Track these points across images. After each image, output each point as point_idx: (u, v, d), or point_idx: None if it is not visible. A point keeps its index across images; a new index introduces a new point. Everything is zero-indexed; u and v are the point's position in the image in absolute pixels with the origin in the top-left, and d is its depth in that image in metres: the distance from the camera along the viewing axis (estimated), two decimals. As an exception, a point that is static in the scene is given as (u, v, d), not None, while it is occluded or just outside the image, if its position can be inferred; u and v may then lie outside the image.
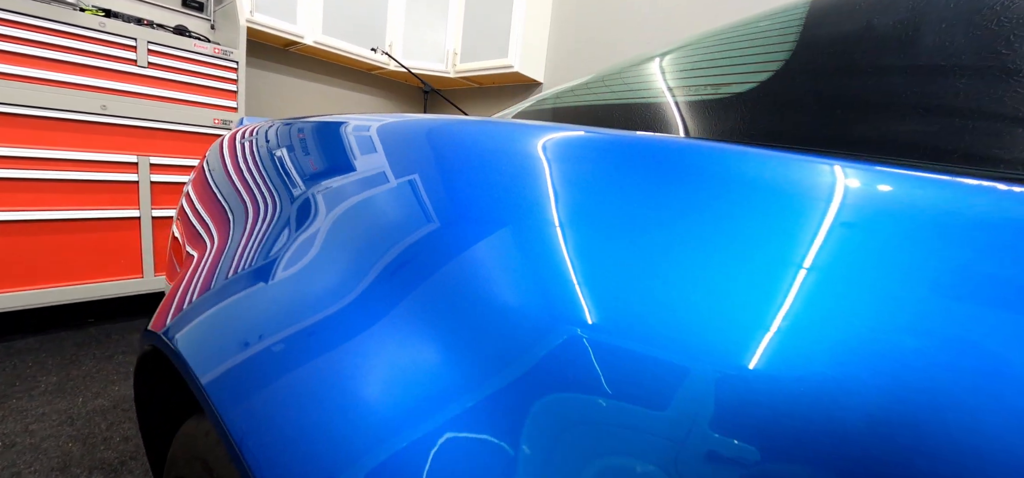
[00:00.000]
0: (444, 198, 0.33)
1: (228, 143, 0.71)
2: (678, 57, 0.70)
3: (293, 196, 0.47)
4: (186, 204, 0.68)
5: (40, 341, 1.69)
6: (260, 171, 0.56)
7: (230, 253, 0.48)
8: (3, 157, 1.53)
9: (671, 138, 0.29)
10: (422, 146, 0.39)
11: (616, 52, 2.51)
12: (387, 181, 0.38)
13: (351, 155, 0.45)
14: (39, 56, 1.56)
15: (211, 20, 2.27)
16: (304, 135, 0.54)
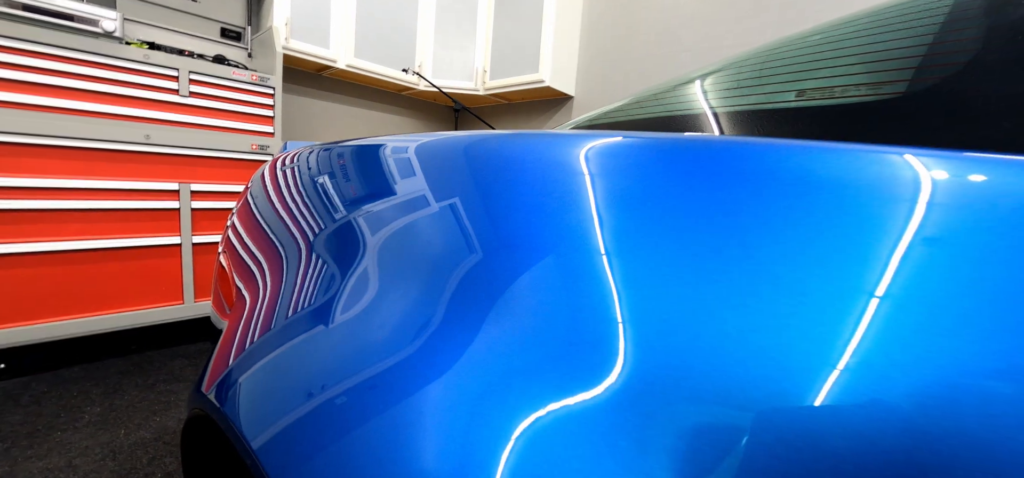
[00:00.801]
0: (532, 225, 0.28)
1: (270, 171, 0.67)
2: (767, 60, 0.62)
3: (347, 229, 0.42)
4: (233, 236, 0.63)
5: (86, 370, 1.70)
6: (308, 202, 0.51)
7: (278, 297, 0.43)
8: (54, 189, 1.56)
9: (753, 139, 0.26)
10: (501, 164, 0.33)
11: (648, 61, 2.44)
12: (458, 206, 0.33)
13: (411, 178, 0.40)
14: (88, 90, 1.60)
15: (248, 49, 2.32)
16: (355, 160, 0.49)
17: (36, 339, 1.59)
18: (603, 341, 0.22)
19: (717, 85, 0.67)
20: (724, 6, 2.17)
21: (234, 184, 1.96)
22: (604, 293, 0.24)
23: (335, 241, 0.42)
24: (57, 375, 1.65)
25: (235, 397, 0.36)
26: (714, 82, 0.68)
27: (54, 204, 1.57)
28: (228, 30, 2.27)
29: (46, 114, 1.53)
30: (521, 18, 2.67)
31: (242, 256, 0.55)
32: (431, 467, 0.23)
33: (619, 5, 2.57)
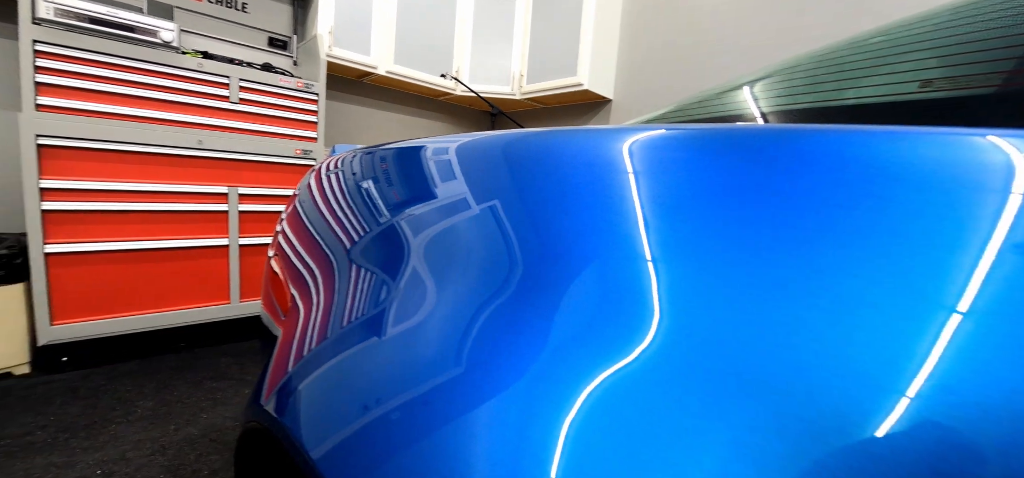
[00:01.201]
0: (595, 225, 0.27)
1: (318, 177, 0.66)
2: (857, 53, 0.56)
3: (397, 234, 0.40)
4: (284, 241, 0.62)
5: (140, 364, 1.77)
6: (357, 208, 0.49)
7: (332, 305, 0.41)
8: (114, 191, 1.64)
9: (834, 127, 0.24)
10: (553, 162, 0.32)
11: (690, 61, 2.34)
12: (510, 206, 0.33)
13: (460, 180, 0.39)
14: (147, 97, 1.67)
15: (294, 57, 2.39)
16: (404, 162, 0.47)
17: (96, 334, 1.67)
18: (669, 342, 0.21)
19: (771, 89, 0.63)
20: (766, 3, 2.06)
21: (279, 188, 2.01)
22: (670, 291, 0.23)
23: (386, 246, 0.41)
24: (113, 369, 1.72)
25: (294, 408, 0.34)
26: (768, 86, 0.63)
27: (114, 206, 1.65)
28: (275, 39, 2.35)
29: (109, 120, 1.61)
30: (559, 21, 2.64)
31: (294, 262, 0.54)
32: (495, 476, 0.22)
33: (658, 4, 2.49)
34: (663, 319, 0.22)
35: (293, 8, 2.39)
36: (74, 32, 1.54)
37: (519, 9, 2.83)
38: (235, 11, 2.22)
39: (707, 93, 0.73)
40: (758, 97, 0.62)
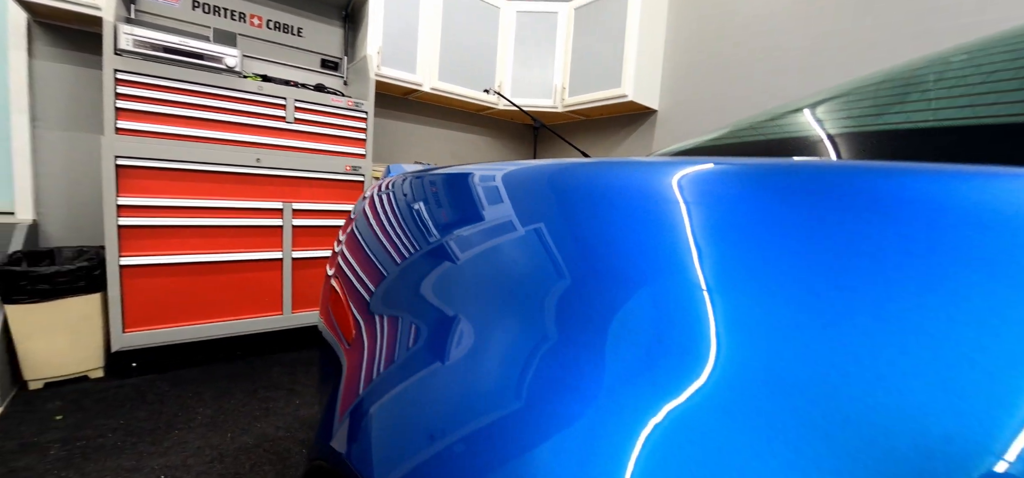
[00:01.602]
0: (658, 259, 0.27)
1: (372, 203, 0.66)
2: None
3: (459, 264, 0.40)
4: (344, 265, 0.62)
5: (201, 372, 1.86)
6: (415, 236, 0.48)
7: (396, 340, 0.39)
8: (180, 208, 1.74)
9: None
10: (614, 195, 0.32)
11: (736, 69, 2.24)
12: (568, 236, 0.32)
13: (516, 207, 0.38)
14: (211, 119, 1.77)
15: (344, 77, 2.48)
16: (461, 189, 0.45)
17: (161, 342, 1.77)
18: (728, 378, 0.21)
19: (833, 112, 0.58)
20: (818, 10, 1.94)
21: (330, 203, 2.07)
22: (729, 326, 0.22)
23: (448, 279, 0.40)
24: (176, 375, 1.82)
25: (364, 448, 0.32)
26: (829, 109, 0.57)
27: (179, 221, 1.75)
28: (327, 60, 2.45)
29: (177, 142, 1.71)
30: (602, 33, 2.60)
31: (356, 287, 0.53)
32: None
33: (705, 14, 2.40)
34: (722, 353, 0.22)
35: (344, 30, 2.49)
36: (149, 61, 1.66)
37: (561, 22, 2.82)
38: (291, 36, 2.34)
39: (763, 116, 0.67)
40: (821, 120, 0.57)
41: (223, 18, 2.16)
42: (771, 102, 2.14)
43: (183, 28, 2.04)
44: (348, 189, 2.12)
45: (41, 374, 1.65)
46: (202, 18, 2.11)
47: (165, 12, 2.03)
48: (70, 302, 1.66)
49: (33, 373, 1.64)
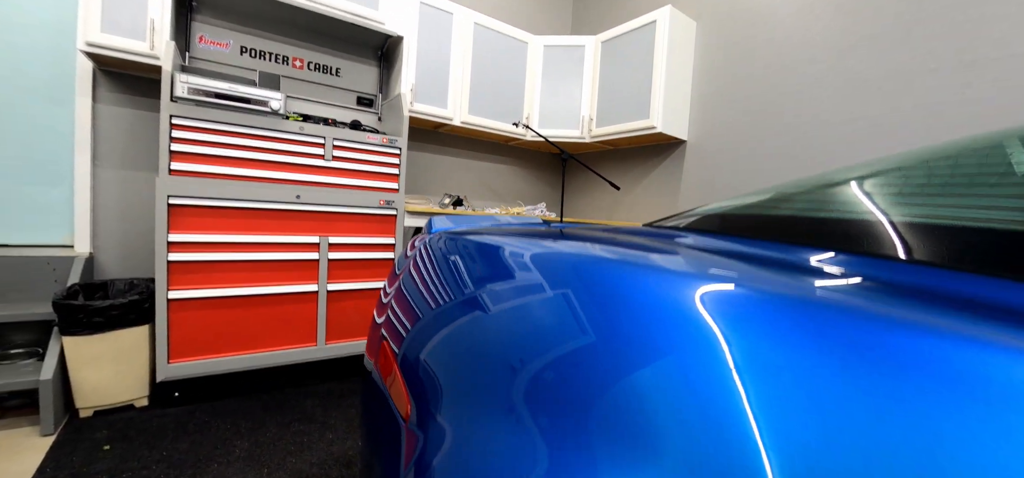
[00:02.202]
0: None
1: (417, 265, 0.67)
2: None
3: (511, 357, 0.39)
4: (394, 318, 0.63)
5: (237, 402, 1.90)
6: (470, 314, 0.48)
7: (453, 426, 0.39)
8: (224, 243, 1.82)
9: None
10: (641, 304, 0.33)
11: (765, 99, 2.20)
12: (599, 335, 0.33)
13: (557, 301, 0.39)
14: (255, 159, 1.86)
15: (379, 113, 2.57)
16: (515, 267, 0.45)
17: (202, 373, 1.82)
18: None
19: (893, 188, 0.53)
20: (854, 39, 1.90)
21: (363, 237, 2.12)
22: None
23: (495, 361, 0.40)
24: (215, 406, 1.86)
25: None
26: (882, 190, 0.53)
27: (223, 256, 1.82)
28: (363, 98, 2.55)
29: (224, 181, 1.80)
30: (629, 65, 2.62)
31: (412, 367, 0.53)
32: None
33: (733, 42, 2.39)
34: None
35: (379, 69, 2.59)
36: (202, 106, 1.76)
37: (588, 55, 2.86)
38: (330, 76, 2.45)
39: (808, 184, 0.64)
40: (871, 202, 0.52)
41: (268, 61, 2.28)
42: (804, 135, 2.10)
43: (232, 73, 2.17)
44: (382, 222, 2.18)
45: (91, 402, 1.73)
46: (249, 62, 2.24)
47: (216, 57, 2.17)
48: (121, 334, 1.74)
49: (84, 401, 1.71)
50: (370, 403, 0.66)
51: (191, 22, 2.11)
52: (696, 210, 0.76)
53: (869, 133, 1.91)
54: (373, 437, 0.61)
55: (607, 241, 0.58)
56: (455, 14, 2.61)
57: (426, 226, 0.88)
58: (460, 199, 2.66)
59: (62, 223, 2.06)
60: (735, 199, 0.73)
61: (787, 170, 2.17)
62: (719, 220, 0.63)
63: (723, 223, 0.61)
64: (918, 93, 1.77)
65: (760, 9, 2.30)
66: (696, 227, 0.63)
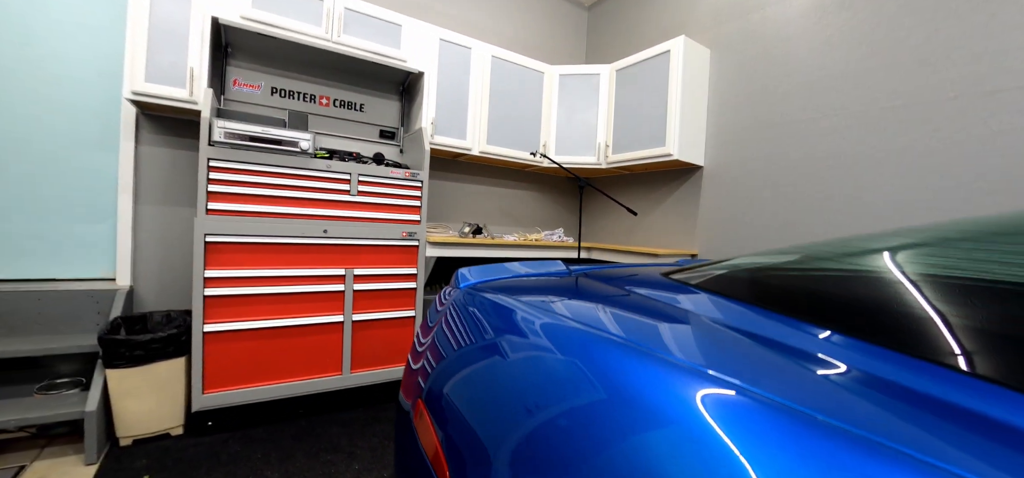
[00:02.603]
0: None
1: (448, 319, 0.72)
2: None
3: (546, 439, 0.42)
4: (428, 366, 0.67)
5: (267, 431, 1.96)
6: (495, 387, 0.52)
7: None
8: (255, 278, 1.90)
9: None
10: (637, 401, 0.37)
11: (781, 126, 2.21)
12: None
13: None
14: (286, 196, 1.95)
15: (400, 145, 2.65)
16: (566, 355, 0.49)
17: (234, 403, 1.89)
18: None
19: (928, 260, 0.52)
20: (872, 68, 1.90)
21: (387, 267, 2.19)
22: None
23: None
24: (246, 434, 1.93)
25: None
26: (913, 263, 0.53)
27: (255, 290, 1.90)
28: (385, 131, 2.64)
29: (256, 218, 1.89)
30: (644, 93, 2.66)
31: (447, 428, 0.57)
32: None
33: (748, 71, 2.42)
34: None
35: (401, 103, 2.69)
36: (236, 149, 1.86)
37: (603, 83, 2.91)
38: (354, 111, 2.55)
39: (835, 248, 0.65)
40: (901, 272, 0.50)
41: (297, 100, 2.40)
42: (821, 164, 2.10)
43: (264, 113, 2.28)
44: (404, 253, 2.24)
45: (131, 432, 1.81)
46: (279, 102, 2.35)
47: (249, 98, 2.29)
48: (159, 366, 1.82)
49: (124, 431, 1.80)
50: (404, 440, 0.71)
51: (226, 67, 2.24)
52: (715, 265, 0.78)
53: (888, 164, 1.90)
54: (405, 473, 0.66)
55: (617, 302, 0.62)
56: (474, 49, 2.69)
57: (454, 279, 0.92)
58: (479, 228, 2.71)
59: (105, 258, 2.17)
60: (759, 257, 0.75)
61: (804, 200, 2.17)
62: (739, 284, 0.65)
63: (741, 287, 0.63)
64: (938, 122, 1.77)
65: (774, 38, 2.33)
66: (713, 288, 0.66)
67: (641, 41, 3.15)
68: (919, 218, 1.82)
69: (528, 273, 0.97)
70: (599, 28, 3.58)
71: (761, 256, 0.75)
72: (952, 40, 1.74)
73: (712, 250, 2.59)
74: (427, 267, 2.35)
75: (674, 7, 2.92)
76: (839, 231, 2.05)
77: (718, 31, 2.61)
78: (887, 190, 1.91)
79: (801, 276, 0.63)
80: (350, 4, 2.27)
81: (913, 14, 1.84)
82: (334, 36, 2.24)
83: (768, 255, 0.75)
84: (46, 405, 1.73)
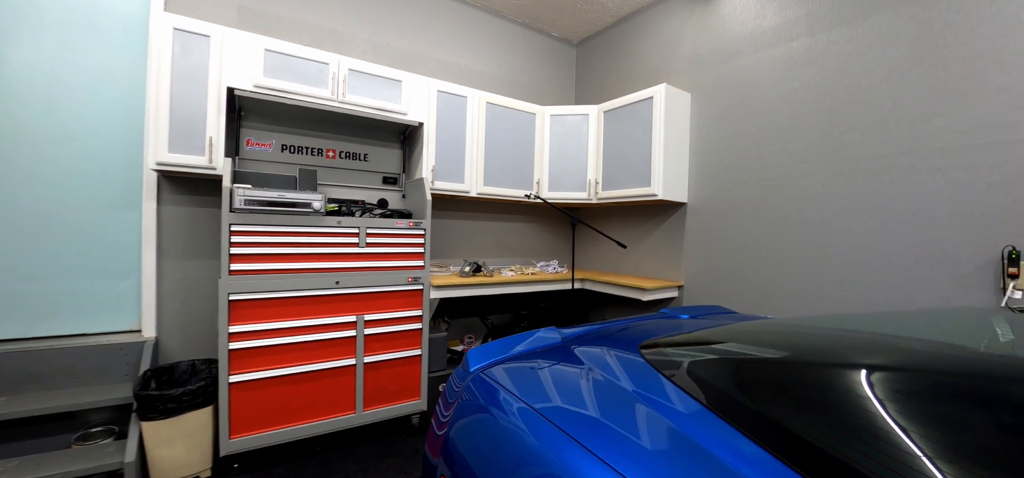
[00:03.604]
0: None
1: (461, 404, 0.90)
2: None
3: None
4: (448, 438, 0.86)
5: (287, 470, 2.12)
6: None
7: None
8: (274, 330, 2.06)
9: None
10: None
11: (756, 172, 2.40)
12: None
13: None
14: (301, 253, 2.11)
15: (403, 191, 2.82)
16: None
17: (258, 445, 2.05)
18: None
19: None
20: (838, 116, 2.10)
21: (394, 311, 2.36)
22: None
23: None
24: (269, 473, 2.09)
25: None
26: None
27: (274, 341, 2.06)
28: (388, 177, 2.81)
29: (273, 275, 2.05)
30: (631, 135, 2.85)
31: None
32: None
33: (725, 114, 2.60)
34: None
35: (402, 151, 2.86)
36: (255, 212, 2.02)
37: (592, 123, 3.09)
38: (358, 161, 2.72)
39: (759, 335, 0.84)
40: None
41: (305, 155, 2.56)
42: (792, 200, 2.29)
43: (275, 170, 2.45)
44: (410, 297, 2.41)
45: (164, 477, 1.96)
46: (289, 157, 2.52)
47: (261, 156, 2.45)
48: (189, 416, 1.98)
49: (158, 477, 1.95)
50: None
51: (240, 129, 2.40)
52: (706, 347, 0.95)
53: (849, 202, 2.10)
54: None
55: (582, 388, 0.80)
56: (469, 97, 2.87)
57: (464, 361, 1.10)
58: (479, 266, 2.88)
59: (131, 311, 2.33)
60: (751, 350, 0.90)
61: (777, 234, 2.36)
62: (721, 385, 0.78)
63: (724, 389, 0.77)
64: (893, 172, 1.97)
65: (748, 86, 2.52)
66: (700, 376, 0.81)
67: (628, 78, 3.33)
68: (873, 248, 2.02)
69: (526, 350, 1.15)
70: (589, 64, 3.76)
71: (752, 350, 0.91)
72: (904, 102, 1.94)
73: (696, 280, 2.78)
74: (431, 308, 2.52)
75: (658, 50, 3.10)
76: (808, 261, 2.24)
77: (698, 77, 2.80)
78: (847, 225, 2.10)
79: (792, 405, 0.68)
80: (353, 66, 2.44)
81: (871, 74, 2.04)
82: (339, 97, 2.41)
83: (760, 350, 0.91)
84: (87, 457, 1.89)
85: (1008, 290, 1.68)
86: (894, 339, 0.83)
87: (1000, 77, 1.70)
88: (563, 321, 3.47)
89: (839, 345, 0.85)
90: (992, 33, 1.72)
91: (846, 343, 0.86)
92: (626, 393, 0.78)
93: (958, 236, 1.80)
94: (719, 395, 0.73)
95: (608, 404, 0.74)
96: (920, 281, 1.90)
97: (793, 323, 1.05)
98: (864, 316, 1.12)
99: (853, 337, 0.90)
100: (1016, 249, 1.67)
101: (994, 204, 1.72)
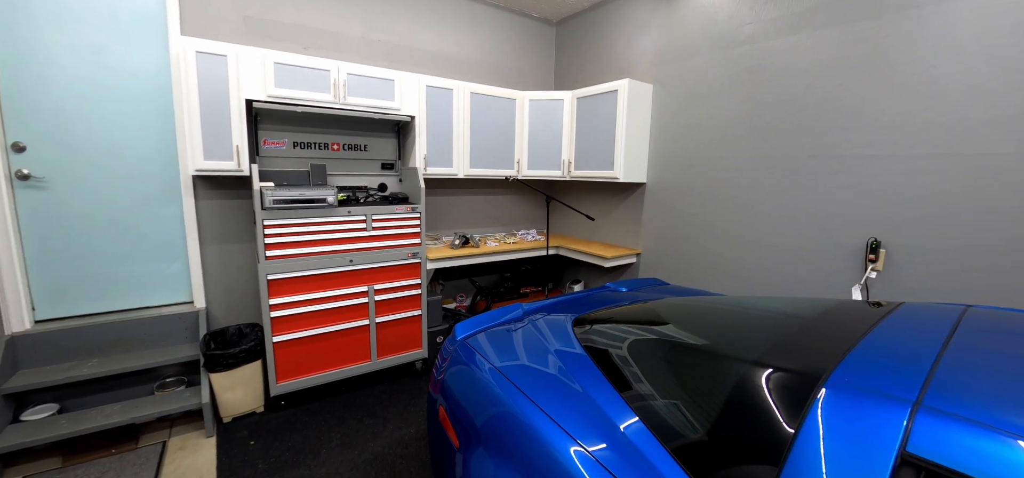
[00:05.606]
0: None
1: (452, 360, 1.47)
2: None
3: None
4: (446, 388, 1.43)
5: (322, 405, 2.75)
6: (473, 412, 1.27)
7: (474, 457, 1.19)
8: (303, 301, 2.60)
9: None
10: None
11: (702, 160, 2.84)
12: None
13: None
14: (319, 238, 2.61)
15: (400, 175, 3.27)
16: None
17: (298, 387, 2.66)
18: None
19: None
20: (758, 121, 2.52)
21: (397, 281, 2.89)
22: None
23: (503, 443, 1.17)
24: (307, 408, 2.72)
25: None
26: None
27: (304, 309, 2.61)
28: (385, 164, 3.25)
29: (299, 258, 2.56)
30: (598, 121, 3.25)
31: (457, 422, 1.32)
32: None
33: (679, 105, 3.00)
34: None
35: (397, 140, 3.27)
36: (280, 210, 2.49)
37: (566, 108, 3.48)
38: (359, 151, 3.14)
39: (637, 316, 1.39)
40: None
41: (314, 150, 2.99)
42: (726, 188, 2.77)
43: (289, 166, 2.88)
44: (410, 269, 2.94)
45: (230, 413, 2.59)
46: (300, 153, 2.95)
47: (276, 153, 2.88)
48: (245, 368, 2.57)
49: (226, 413, 2.57)
50: (435, 429, 1.47)
51: (258, 131, 2.81)
52: (607, 324, 1.50)
53: (767, 193, 2.59)
54: (438, 451, 1.43)
55: (530, 353, 1.35)
56: (455, 89, 3.23)
57: (454, 331, 1.64)
58: (467, 238, 3.39)
59: (183, 287, 2.86)
60: (624, 317, 1.47)
61: (714, 212, 2.86)
62: (599, 341, 1.37)
63: (596, 343, 1.35)
64: (802, 172, 2.44)
65: (698, 84, 2.91)
66: (592, 338, 1.38)
67: (601, 63, 3.67)
68: (785, 231, 2.53)
69: (495, 322, 1.69)
70: (568, 46, 4.04)
71: (630, 327, 1.47)
72: (817, 115, 2.36)
73: (652, 250, 3.31)
74: (428, 276, 3.06)
75: (627, 39, 3.42)
76: (738, 240, 2.76)
77: (660, 70, 3.16)
78: (766, 211, 2.61)
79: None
80: (351, 70, 2.80)
81: (794, 86, 2.44)
82: (341, 100, 2.79)
83: (634, 326, 1.46)
84: (171, 400, 2.49)
85: (866, 271, 2.21)
86: (696, 318, 1.37)
87: (884, 102, 2.13)
88: (540, 283, 4.05)
89: (666, 312, 1.41)
90: (876, 68, 2.13)
91: (670, 312, 1.42)
92: (549, 351, 1.33)
93: (842, 227, 2.31)
94: (594, 349, 1.30)
95: (538, 358, 1.29)
96: (811, 263, 2.43)
97: (668, 303, 1.60)
98: (731, 299, 1.65)
99: (683, 310, 1.45)
100: (877, 239, 2.18)
101: (869, 204, 2.21)
